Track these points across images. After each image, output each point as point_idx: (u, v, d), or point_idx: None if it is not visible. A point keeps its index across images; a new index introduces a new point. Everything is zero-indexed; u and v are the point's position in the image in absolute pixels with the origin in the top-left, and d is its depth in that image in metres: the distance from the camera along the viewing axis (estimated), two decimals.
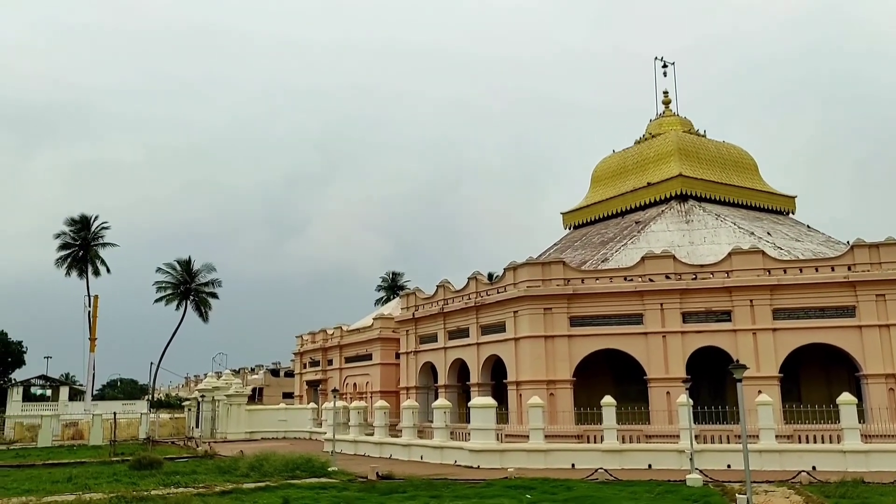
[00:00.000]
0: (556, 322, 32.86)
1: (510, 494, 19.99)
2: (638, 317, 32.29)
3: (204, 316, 74.39)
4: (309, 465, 26.62)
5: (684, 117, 48.34)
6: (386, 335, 48.89)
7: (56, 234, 71.59)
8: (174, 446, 42.30)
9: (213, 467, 28.74)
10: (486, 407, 29.18)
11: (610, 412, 27.65)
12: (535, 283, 33.50)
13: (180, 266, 74.17)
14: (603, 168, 48.64)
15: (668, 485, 21.50)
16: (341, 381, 53.23)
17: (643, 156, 45.88)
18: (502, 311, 34.81)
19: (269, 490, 21.63)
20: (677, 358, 31.31)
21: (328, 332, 57.65)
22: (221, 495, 20.55)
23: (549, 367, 32.52)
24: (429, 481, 22.75)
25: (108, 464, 31.62)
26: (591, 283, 33.41)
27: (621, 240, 39.74)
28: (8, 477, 26.43)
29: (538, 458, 27.39)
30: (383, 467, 26.06)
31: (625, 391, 31.68)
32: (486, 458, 27.86)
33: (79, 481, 24.55)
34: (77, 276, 71.19)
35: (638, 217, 42.49)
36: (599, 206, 46.32)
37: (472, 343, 36.89)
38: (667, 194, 42.32)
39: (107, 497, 19.62)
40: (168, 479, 24.59)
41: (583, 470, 25.01)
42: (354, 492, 21.25)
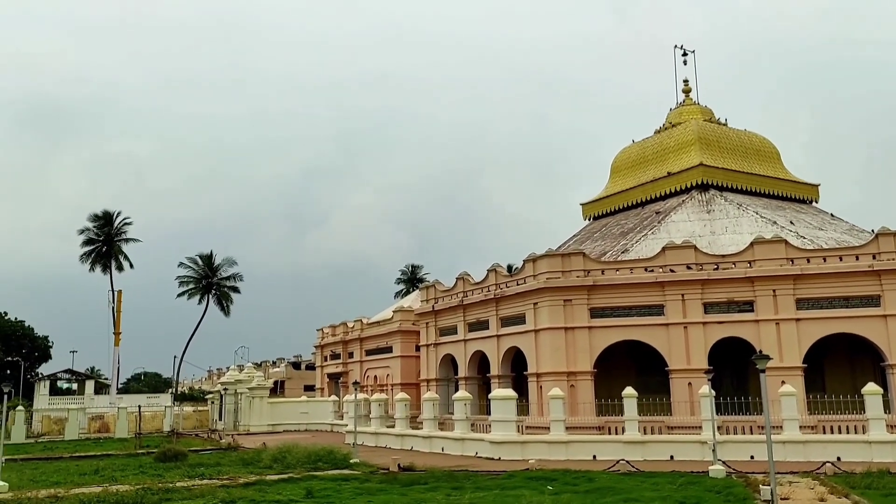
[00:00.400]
0: (576, 313, 32.77)
1: (532, 486, 20.01)
2: (659, 307, 32.11)
3: (226, 310, 75.20)
4: (331, 457, 26.84)
5: (705, 106, 47.86)
6: (406, 328, 49.03)
7: (80, 229, 72.66)
8: (198, 439, 42.81)
9: (237, 459, 29.07)
10: (506, 399, 29.21)
11: (631, 403, 27.56)
12: (554, 275, 33.41)
13: (202, 260, 74.96)
14: (622, 158, 48.32)
15: (691, 476, 21.41)
16: (362, 374, 53.49)
17: (663, 145, 45.50)
18: (522, 302, 34.77)
19: (292, 482, 21.84)
20: (699, 349, 31.12)
21: (348, 325, 57.93)
22: (245, 487, 20.77)
23: (569, 358, 32.45)
24: (450, 473, 22.84)
25: (133, 456, 32.11)
26: (612, 274, 33.25)
27: (641, 230, 39.50)
28: (37, 469, 26.93)
29: (559, 449, 27.38)
30: (405, 459, 26.21)
31: (646, 382, 31.54)
32: (507, 450, 27.90)
33: (106, 473, 24.96)
34: (101, 272, 72.21)
35: (658, 207, 42.18)
36: (619, 196, 46.04)
37: (492, 335, 36.90)
38: (687, 184, 41.96)
39: (133, 489, 19.90)
40: (193, 471, 24.92)
41: (604, 461, 24.97)
42: (376, 483, 21.38)
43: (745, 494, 18.08)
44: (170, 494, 19.24)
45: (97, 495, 18.95)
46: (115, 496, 18.84)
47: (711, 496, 17.99)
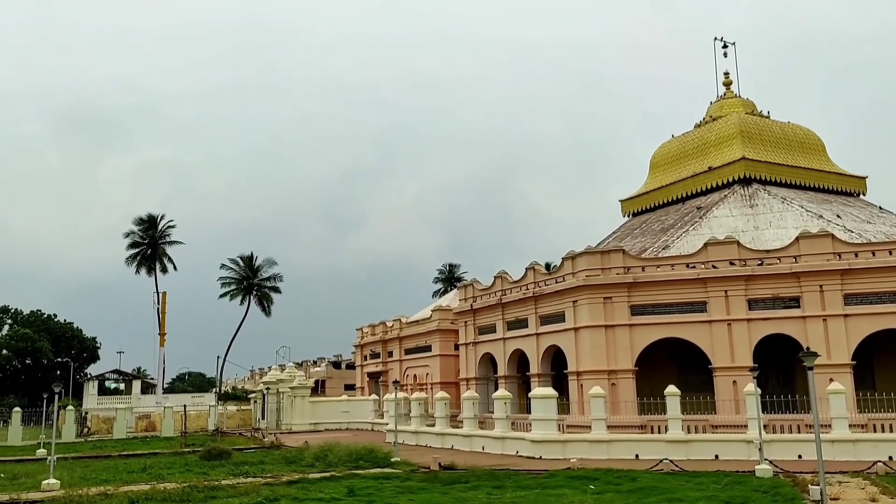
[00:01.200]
0: (616, 311, 32.44)
1: (573, 485, 19.85)
2: (701, 304, 31.61)
3: (267, 310, 76.20)
4: (372, 456, 26.97)
5: (746, 98, 46.94)
6: (444, 326, 49.10)
7: (125, 233, 74.34)
8: (242, 437, 43.42)
9: (280, 457, 29.40)
10: (546, 397, 29.02)
11: (674, 402, 27.16)
12: (594, 272, 33.11)
13: (243, 262, 76.06)
14: (662, 153, 47.67)
15: (737, 476, 21.01)
16: (401, 373, 53.72)
17: (704, 139, 44.76)
18: (561, 300, 34.54)
19: (334, 480, 22.00)
20: (743, 346, 30.54)
21: (387, 325, 58.24)
22: (289, 485, 21.00)
23: (609, 356, 32.14)
24: (491, 472, 22.78)
25: (179, 454, 32.68)
26: (652, 271, 32.83)
27: (682, 226, 38.92)
28: (87, 467, 27.57)
29: (601, 448, 27.12)
30: (445, 458, 26.20)
31: (689, 380, 31.06)
32: (547, 449, 27.73)
33: (153, 471, 25.46)
34: (146, 274, 73.78)
35: (699, 203, 41.52)
36: (659, 192, 45.44)
37: (532, 333, 36.72)
38: (729, 178, 41.21)
39: (180, 486, 20.26)
40: (237, 469, 25.28)
41: (647, 461, 24.65)
42: (417, 482, 21.42)
43: (793, 494, 17.67)
44: (215, 492, 19.54)
45: (145, 493, 19.34)
46: (162, 494, 19.21)
47: (758, 496, 17.62)
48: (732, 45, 47.61)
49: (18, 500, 18.97)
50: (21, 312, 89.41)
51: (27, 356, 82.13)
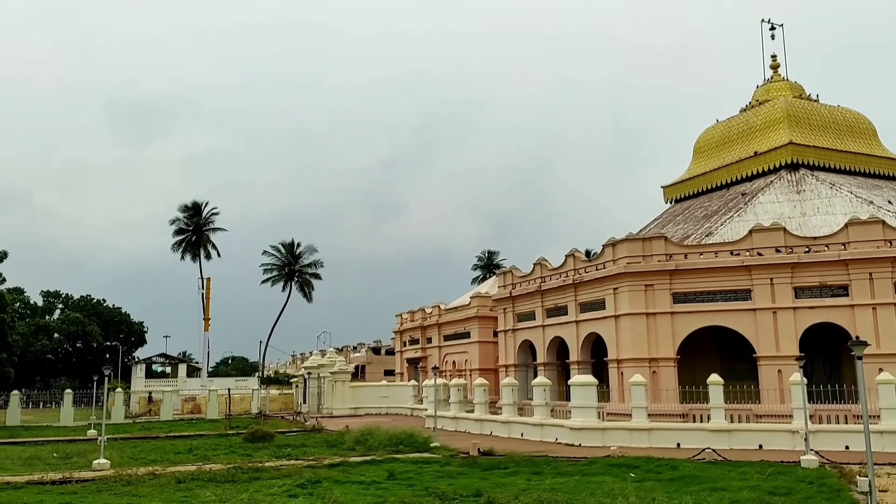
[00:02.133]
0: (657, 299, 32.06)
1: (613, 473, 19.76)
2: (746, 292, 31.04)
3: (308, 296, 77.03)
4: (411, 441, 27.21)
5: (794, 82, 45.72)
6: (483, 313, 49.11)
7: (171, 220, 75.78)
8: (284, 420, 44.18)
9: (321, 441, 29.87)
10: (586, 385, 28.89)
11: (717, 391, 26.78)
12: (635, 259, 32.75)
13: (284, 249, 76.94)
14: (706, 139, 46.77)
15: (781, 466, 20.67)
16: (440, 359, 53.96)
17: (749, 124, 43.76)
18: (601, 288, 34.26)
19: (374, 464, 22.28)
20: (789, 335, 29.94)
21: (426, 311, 58.47)
22: (330, 468, 21.32)
23: (651, 344, 31.81)
24: (530, 458, 22.81)
25: (224, 436, 33.43)
26: (695, 259, 32.33)
27: (726, 213, 38.20)
28: (136, 448, 28.40)
29: (641, 436, 26.92)
30: (484, 444, 26.31)
31: (732, 369, 30.61)
32: (587, 436, 27.63)
33: (199, 452, 26.10)
34: (191, 260, 75.20)
35: (744, 188, 40.68)
36: (702, 178, 44.62)
37: (571, 321, 36.52)
38: (775, 164, 40.26)
39: (225, 467, 20.75)
40: (280, 452, 25.78)
41: (688, 450, 24.40)
42: (456, 467, 21.56)
43: (840, 486, 17.32)
44: (259, 473, 19.95)
45: (192, 473, 19.84)
46: (208, 474, 19.68)
47: (804, 487, 17.32)
48: (780, 27, 46.43)
49: (71, 479, 19.61)
50: (72, 297, 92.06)
51: (78, 340, 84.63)
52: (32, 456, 25.41)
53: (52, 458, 25.02)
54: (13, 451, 27.46)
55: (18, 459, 24.57)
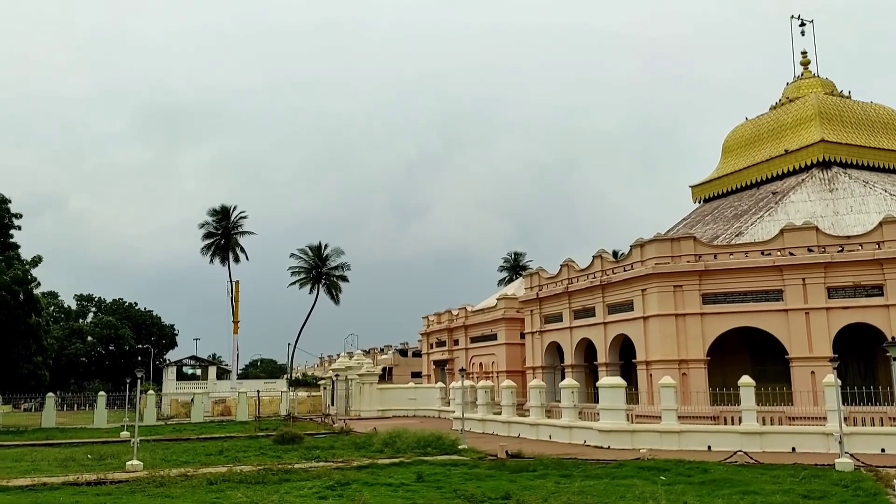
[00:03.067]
0: (687, 300, 31.73)
1: (643, 475, 19.58)
2: (777, 293, 30.59)
3: (335, 298, 77.62)
4: (439, 443, 27.21)
5: (825, 78, 44.96)
6: (510, 315, 49.02)
7: (200, 223, 76.84)
8: (312, 422, 44.47)
9: (350, 443, 30.02)
10: (615, 387, 28.67)
11: (748, 392, 26.42)
12: (663, 260, 32.45)
13: (312, 251, 77.61)
14: (735, 137, 46.19)
15: (815, 469, 20.31)
16: (467, 361, 53.95)
17: (780, 122, 43.13)
18: (629, 289, 34.00)
19: (402, 466, 22.32)
20: (822, 335, 29.43)
21: (453, 313, 58.51)
22: (359, 469, 21.41)
23: (680, 345, 31.50)
24: (558, 460, 22.69)
25: (254, 438, 33.72)
26: (725, 259, 31.95)
27: (757, 212, 37.70)
28: (168, 449, 28.79)
29: (671, 439, 26.65)
30: (512, 446, 26.23)
31: (763, 371, 30.19)
32: (616, 439, 27.42)
33: (229, 454, 26.37)
34: (220, 263, 76.19)
35: (775, 187, 40.10)
36: (732, 177, 44.07)
37: (599, 322, 36.29)
38: (807, 162, 39.63)
39: (255, 469, 20.94)
40: (309, 454, 25.95)
41: (720, 452, 24.10)
42: (485, 469, 21.52)
43: (876, 489, 16.99)
44: (289, 475, 20.09)
45: (223, 475, 20.05)
46: (239, 475, 19.88)
47: (838, 490, 17.00)
48: (810, 23, 45.64)
49: (105, 480, 19.92)
50: (104, 301, 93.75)
51: (111, 343, 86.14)
52: (68, 457, 25.87)
53: (87, 459, 25.45)
54: (49, 453, 27.98)
55: (54, 461, 25.02)
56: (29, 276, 45.61)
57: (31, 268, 47.31)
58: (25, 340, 45.22)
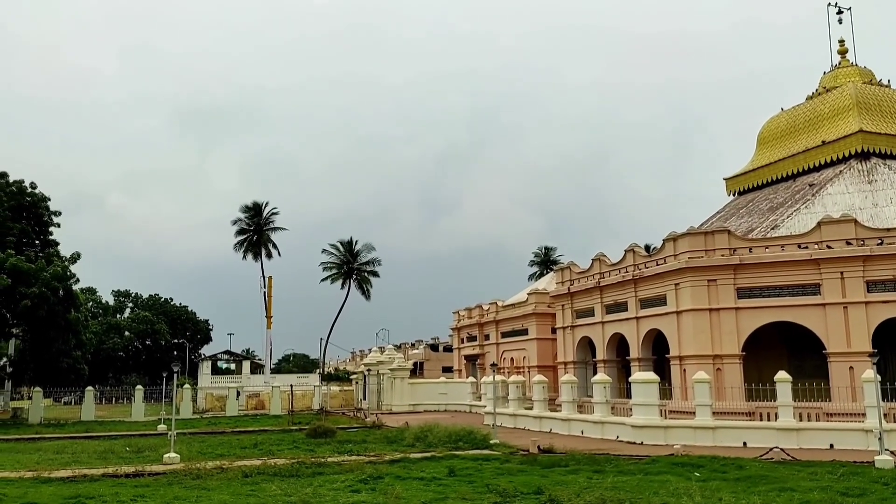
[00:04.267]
0: (721, 294, 31.30)
1: (677, 472, 19.41)
2: (814, 287, 30.02)
3: (366, 293, 77.85)
4: (471, 438, 27.26)
5: (864, 67, 43.91)
6: (541, 310, 48.81)
7: (233, 220, 77.55)
8: (344, 417, 44.84)
9: (381, 437, 30.21)
10: (648, 382, 28.43)
11: (785, 388, 26.01)
12: (697, 254, 32.04)
13: (343, 247, 77.94)
14: (770, 128, 45.37)
15: (853, 466, 19.96)
16: (498, 356, 53.88)
17: (816, 112, 42.26)
18: (662, 283, 33.63)
19: (434, 460, 22.41)
20: (861, 330, 28.82)
21: (483, 308, 58.45)
22: (391, 463, 21.55)
23: (714, 340, 31.09)
24: (591, 456, 22.59)
25: (287, 432, 34.13)
26: (760, 252, 31.43)
27: (793, 204, 37.02)
28: (203, 442, 29.26)
29: (706, 435, 26.35)
30: (543, 441, 26.18)
31: (800, 366, 29.68)
32: (649, 434, 27.20)
33: (264, 447, 26.74)
34: (252, 259, 76.86)
35: (811, 179, 39.34)
36: (767, 169, 43.31)
37: (631, 317, 35.98)
38: (845, 153, 38.77)
39: (289, 462, 21.20)
40: (341, 448, 26.19)
41: (755, 449, 23.79)
42: (516, 464, 21.52)
43: None
44: (322, 468, 20.31)
45: (257, 467, 20.34)
46: (273, 469, 20.15)
47: (878, 488, 16.69)
48: (848, 10, 44.60)
49: (143, 472, 20.33)
50: (141, 296, 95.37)
51: (147, 337, 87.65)
52: (107, 450, 26.45)
53: (125, 451, 26.00)
54: (89, 445, 28.63)
55: (94, 453, 25.60)
56: (68, 272, 46.60)
57: (70, 264, 48.36)
58: (65, 335, 46.22)
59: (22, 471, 20.72)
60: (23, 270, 42.64)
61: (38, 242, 50.51)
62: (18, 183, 49.38)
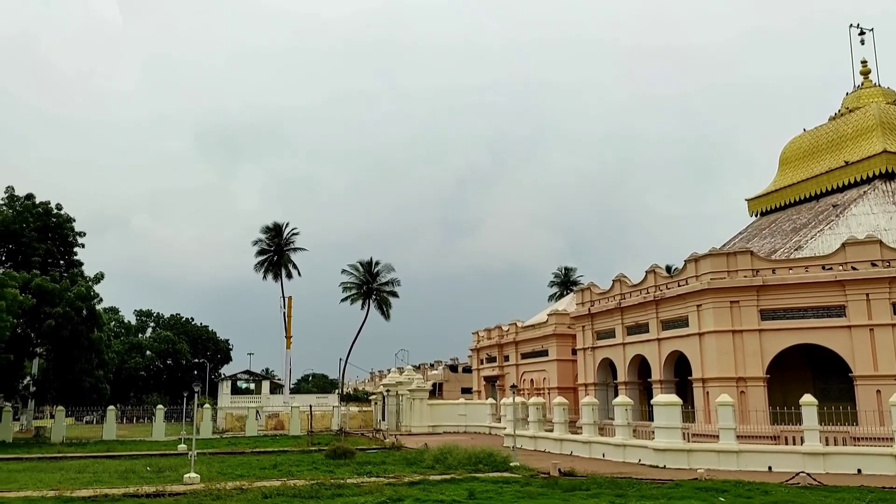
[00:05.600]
0: (744, 316, 30.96)
1: (700, 497, 19.09)
2: (839, 308, 29.61)
3: (385, 314, 77.97)
4: (491, 460, 27.02)
5: (887, 88, 43.63)
6: (561, 331, 48.54)
7: (253, 241, 78.23)
8: (364, 438, 44.67)
9: (401, 458, 30.03)
10: (670, 405, 28.08)
11: (811, 412, 25.56)
12: (719, 275, 31.76)
13: (362, 267, 78.24)
14: (792, 149, 45.09)
15: (882, 492, 19.53)
16: (518, 377, 53.55)
17: (839, 133, 41.96)
18: (684, 304, 33.34)
19: (454, 482, 22.22)
20: (888, 353, 28.33)
21: (503, 329, 58.23)
22: (410, 486, 21.39)
23: (738, 363, 30.71)
24: (612, 479, 22.30)
25: (306, 453, 34.04)
26: (784, 273, 31.10)
27: (816, 225, 36.65)
28: (223, 462, 29.28)
29: (730, 459, 25.93)
30: (564, 464, 25.88)
31: (826, 389, 29.20)
32: (672, 458, 26.82)
33: (283, 468, 26.68)
34: (273, 279, 77.30)
35: (835, 200, 38.96)
36: (789, 189, 42.99)
37: (653, 339, 35.66)
38: (869, 173, 38.41)
39: (309, 483, 21.13)
40: (361, 469, 26.06)
41: (781, 473, 23.36)
42: (537, 487, 21.28)
43: None
44: (341, 490, 20.21)
45: (277, 488, 20.29)
46: (293, 490, 20.08)
47: None
48: (870, 31, 44.43)
49: (164, 492, 20.34)
50: (162, 316, 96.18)
51: (168, 357, 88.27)
52: (127, 469, 26.53)
53: (146, 471, 26.06)
54: (110, 465, 28.75)
55: (115, 472, 25.69)
56: (92, 292, 47.14)
57: (94, 284, 48.92)
58: (88, 355, 46.66)
59: (44, 490, 20.83)
60: (47, 290, 43.21)
61: (63, 262, 51.18)
62: (45, 204, 50.18)
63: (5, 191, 50.03)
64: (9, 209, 48.80)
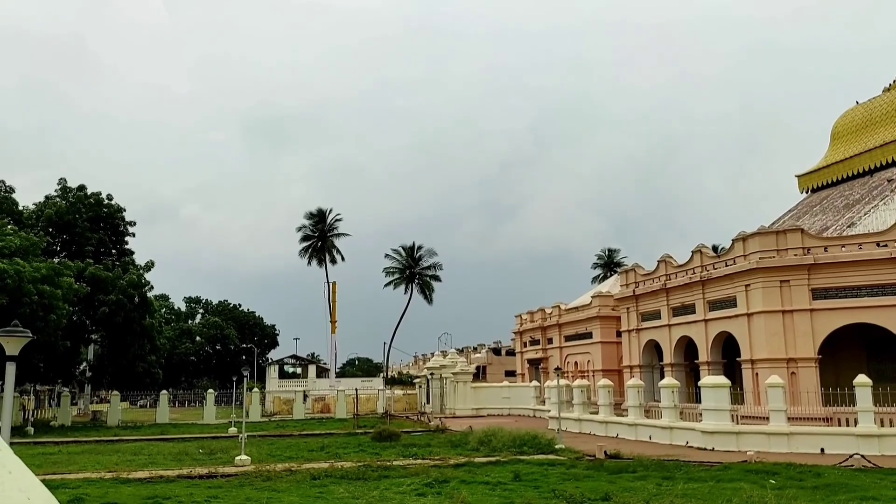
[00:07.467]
0: (794, 295, 30.24)
1: (750, 479, 18.77)
2: (894, 286, 28.69)
3: (428, 298, 78.32)
4: (535, 442, 27.02)
5: None
6: (605, 313, 48.13)
7: (298, 227, 79.22)
8: (408, 420, 45.07)
9: (445, 441, 30.22)
10: (718, 386, 27.63)
11: (865, 392, 24.90)
12: (768, 254, 31.04)
13: (405, 252, 78.61)
14: (845, 123, 43.67)
15: None
16: (561, 360, 53.34)
17: (894, 105, 40.46)
18: (732, 284, 32.71)
19: (499, 465, 22.28)
20: None
21: (546, 311, 57.98)
22: (456, 467, 21.52)
23: (788, 343, 30.05)
24: (659, 461, 22.08)
25: (352, 435, 34.53)
26: (836, 252, 30.25)
27: (870, 201, 35.50)
28: (272, 445, 29.86)
29: (780, 441, 25.45)
30: (610, 446, 25.73)
31: (881, 370, 28.41)
32: (720, 440, 26.44)
33: (330, 450, 27.10)
34: (317, 265, 78.30)
35: (890, 174, 37.65)
36: (841, 164, 41.69)
37: (699, 319, 35.11)
38: None
39: (355, 465, 21.42)
40: (406, 451, 26.31)
41: (833, 456, 22.83)
42: (582, 469, 21.19)
43: None
44: (388, 472, 20.44)
45: (325, 470, 20.61)
46: (340, 471, 20.38)
47: None
48: None
49: (216, 474, 20.86)
50: (211, 303, 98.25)
51: (217, 343, 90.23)
52: (181, 452, 27.28)
53: (199, 453, 26.75)
54: (164, 447, 29.59)
55: (169, 455, 26.44)
56: (143, 280, 48.38)
57: (145, 272, 50.19)
58: (140, 340, 48.00)
59: (102, 471, 21.53)
60: (101, 279, 44.47)
61: (115, 252, 52.62)
62: (96, 195, 51.53)
63: (58, 182, 51.54)
64: (62, 200, 50.24)
